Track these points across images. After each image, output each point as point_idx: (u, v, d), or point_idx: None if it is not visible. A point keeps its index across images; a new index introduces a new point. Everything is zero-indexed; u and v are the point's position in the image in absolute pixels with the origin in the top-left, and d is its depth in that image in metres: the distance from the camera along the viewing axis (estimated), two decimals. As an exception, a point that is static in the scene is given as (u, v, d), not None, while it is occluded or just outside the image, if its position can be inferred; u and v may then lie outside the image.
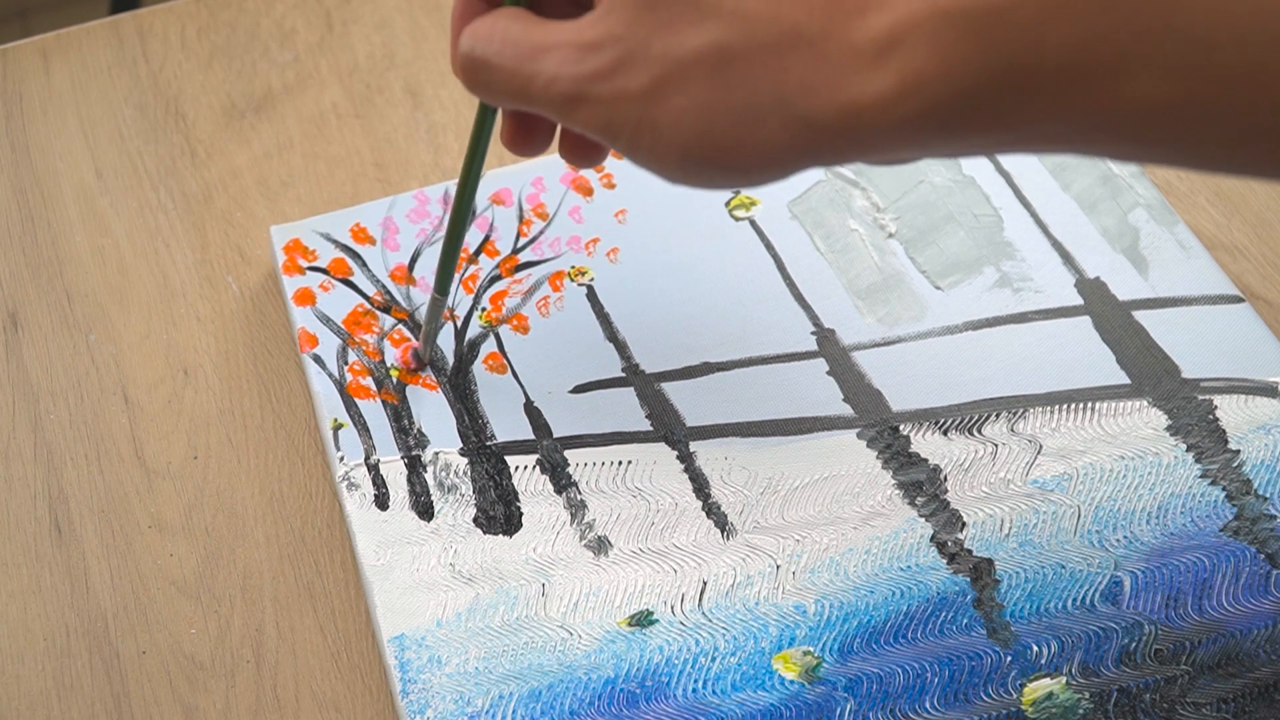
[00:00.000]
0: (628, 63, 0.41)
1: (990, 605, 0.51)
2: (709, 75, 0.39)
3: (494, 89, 0.45)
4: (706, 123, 0.40)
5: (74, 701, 0.52)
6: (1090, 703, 0.48)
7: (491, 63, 0.45)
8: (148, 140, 0.69)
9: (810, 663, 0.50)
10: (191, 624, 0.53)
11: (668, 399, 0.57)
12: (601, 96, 0.41)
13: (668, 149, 0.41)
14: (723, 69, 0.39)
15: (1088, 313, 0.58)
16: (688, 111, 0.40)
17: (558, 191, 0.63)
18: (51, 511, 0.57)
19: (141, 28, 0.73)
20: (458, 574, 0.52)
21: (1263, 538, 0.52)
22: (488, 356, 0.58)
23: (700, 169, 0.41)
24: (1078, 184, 0.62)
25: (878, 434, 0.55)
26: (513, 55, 0.44)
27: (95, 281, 0.64)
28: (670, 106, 0.40)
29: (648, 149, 0.41)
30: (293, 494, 0.57)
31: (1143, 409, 0.55)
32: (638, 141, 0.41)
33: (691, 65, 0.40)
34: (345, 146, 0.68)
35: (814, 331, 0.58)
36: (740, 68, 0.39)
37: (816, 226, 0.62)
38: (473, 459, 0.55)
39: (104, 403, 0.60)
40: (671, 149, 0.41)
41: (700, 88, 0.39)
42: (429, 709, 0.49)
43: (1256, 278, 0.61)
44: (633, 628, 0.51)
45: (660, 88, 0.40)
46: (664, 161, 0.41)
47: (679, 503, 0.54)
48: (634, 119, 0.41)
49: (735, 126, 0.39)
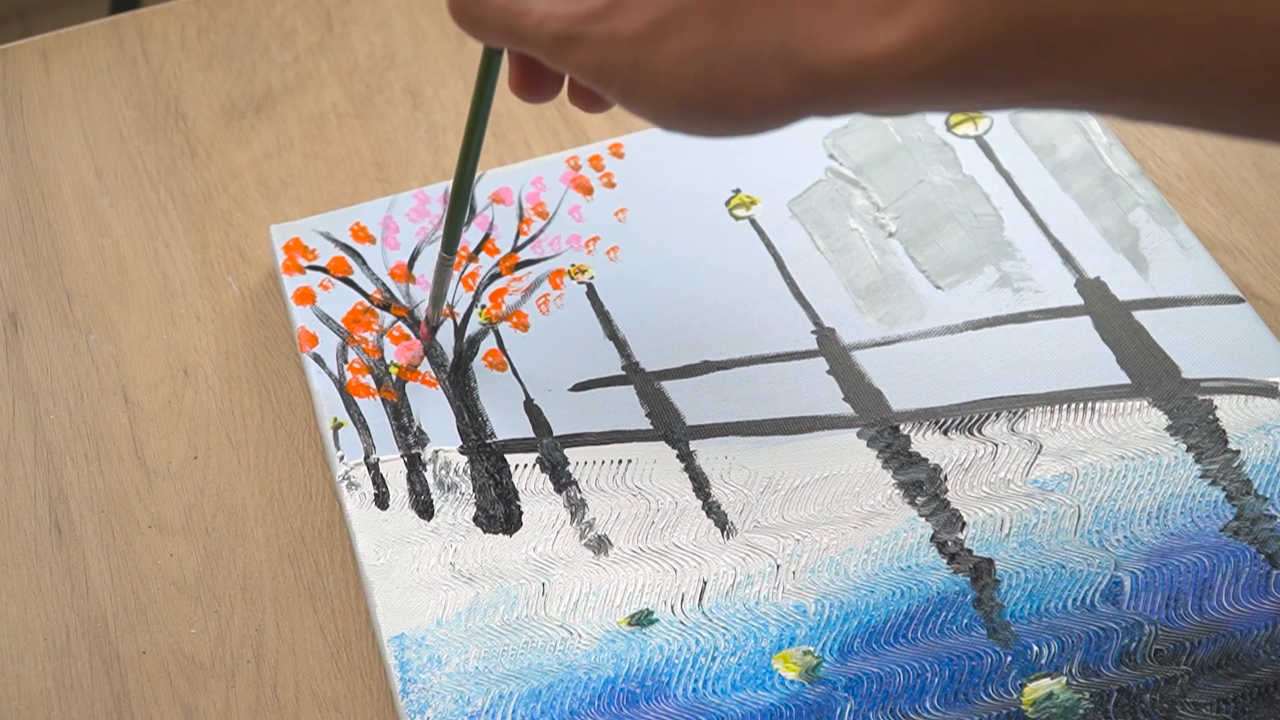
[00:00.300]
0: (623, 4, 0.39)
1: (990, 605, 0.51)
2: (709, 18, 0.38)
3: (483, 25, 0.44)
4: (705, 68, 0.38)
5: (74, 701, 0.52)
6: (1090, 703, 0.48)
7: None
8: (148, 140, 0.69)
9: (810, 662, 0.50)
10: (191, 624, 0.53)
11: (668, 397, 0.57)
12: (595, 38, 0.40)
13: (665, 95, 0.39)
14: (724, 12, 0.38)
15: (1088, 313, 0.58)
16: (686, 56, 0.38)
17: (558, 190, 0.63)
18: (51, 511, 0.57)
19: (141, 28, 0.73)
20: (458, 573, 0.52)
21: (1263, 538, 0.52)
22: (488, 354, 0.58)
23: (698, 116, 0.39)
24: (1078, 184, 0.62)
25: (878, 433, 0.55)
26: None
27: (95, 281, 0.64)
28: (667, 50, 0.39)
29: (644, 94, 0.40)
30: (293, 494, 0.57)
31: (1143, 409, 0.55)
32: (633, 87, 0.40)
33: (690, 7, 0.38)
34: (345, 146, 0.68)
35: (814, 330, 0.58)
36: (743, 12, 0.37)
37: (817, 225, 0.62)
38: (473, 457, 0.55)
39: (104, 403, 0.60)
40: (668, 95, 0.39)
41: (699, 31, 0.38)
42: (429, 709, 0.49)
43: (1256, 278, 0.61)
44: (633, 627, 0.51)
45: (657, 30, 0.39)
46: (660, 108, 0.40)
47: (679, 502, 0.54)
48: (629, 62, 0.39)
49: (735, 73, 0.38)
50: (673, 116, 0.40)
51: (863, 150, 0.64)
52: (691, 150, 0.64)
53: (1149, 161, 0.65)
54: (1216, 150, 0.65)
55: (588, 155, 0.64)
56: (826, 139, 0.64)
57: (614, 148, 0.64)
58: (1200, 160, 0.65)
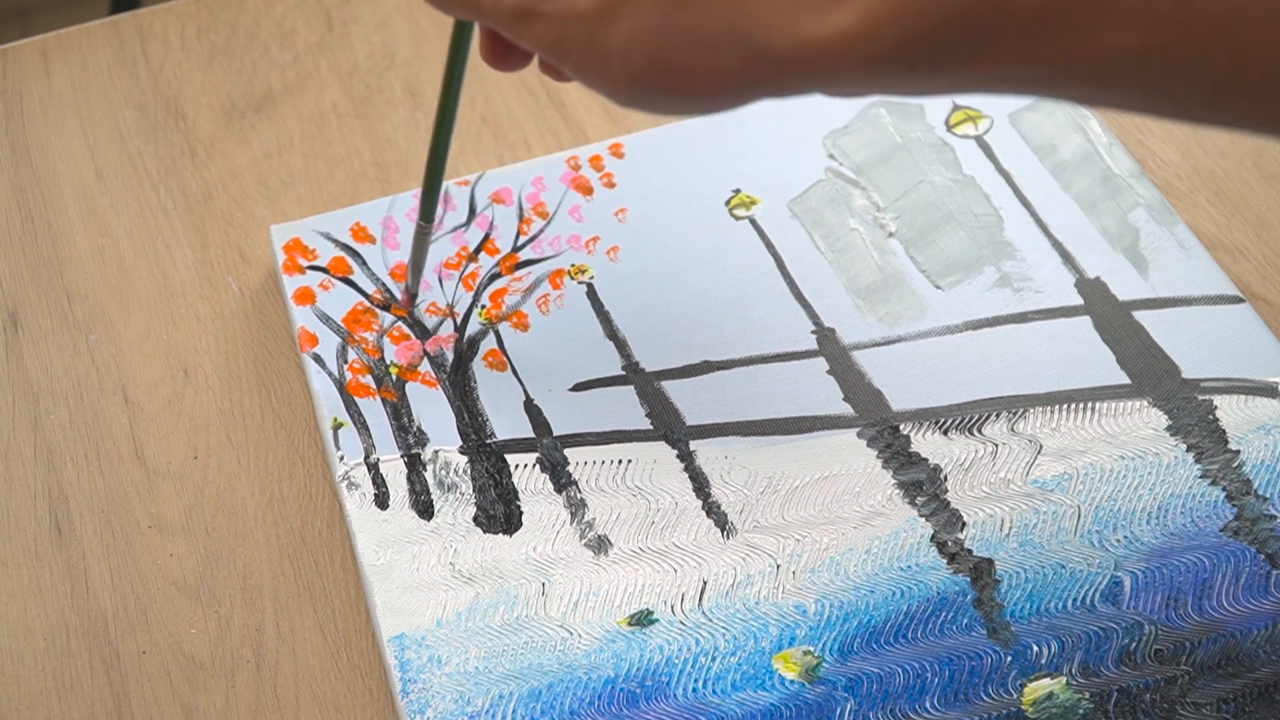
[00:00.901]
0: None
1: (990, 605, 0.51)
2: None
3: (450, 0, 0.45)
4: (658, 46, 0.39)
5: (74, 701, 0.52)
6: (1090, 703, 0.48)
7: None
8: (148, 140, 0.69)
9: (810, 662, 0.50)
10: (191, 624, 0.53)
11: (668, 397, 0.57)
12: (551, 13, 0.41)
13: (618, 72, 0.40)
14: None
15: (1088, 313, 0.58)
16: (639, 33, 0.39)
17: (558, 190, 0.63)
18: (51, 511, 0.57)
19: (141, 28, 0.73)
20: (458, 573, 0.52)
21: (1263, 538, 0.52)
22: (488, 354, 0.58)
23: (650, 93, 0.40)
24: (1078, 184, 0.62)
25: (878, 433, 0.55)
26: None
27: (95, 281, 0.64)
28: (621, 27, 0.39)
29: (597, 71, 0.40)
30: (293, 494, 0.57)
31: (1143, 409, 0.55)
32: (587, 63, 0.40)
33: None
34: (345, 146, 0.68)
35: (814, 330, 0.58)
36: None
37: (817, 225, 0.62)
38: (473, 457, 0.55)
39: (104, 403, 0.60)
40: (622, 72, 0.40)
41: (652, 10, 0.38)
42: (429, 709, 0.49)
43: (1256, 278, 0.61)
44: (633, 627, 0.51)
45: (611, 7, 0.39)
46: (614, 84, 0.40)
47: (679, 502, 0.54)
48: (584, 39, 0.40)
49: (688, 52, 0.38)
50: (626, 94, 0.40)
51: (863, 150, 0.64)
52: (691, 150, 0.64)
53: (1149, 161, 0.65)
54: (1216, 150, 0.65)
55: (588, 155, 0.64)
56: (826, 139, 0.64)
57: (614, 148, 0.64)
58: (1200, 160, 0.65)
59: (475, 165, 0.67)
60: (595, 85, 0.41)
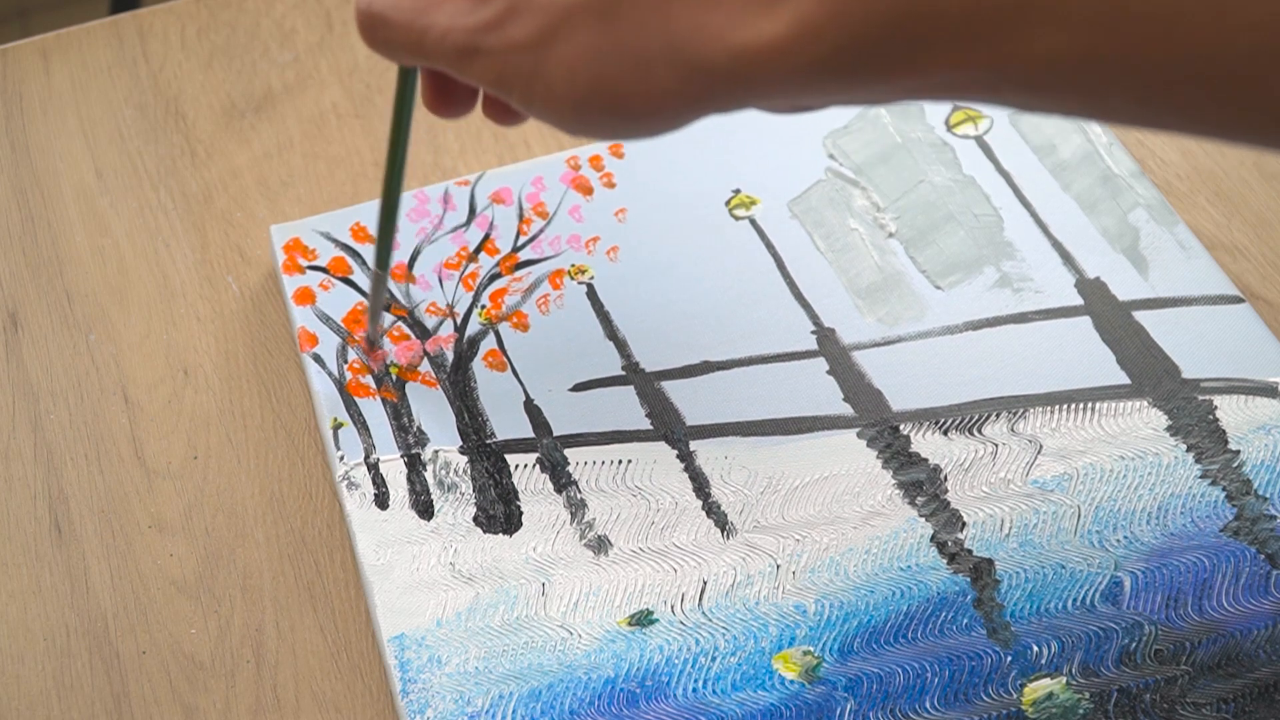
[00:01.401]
0: (515, 12, 0.40)
1: (990, 605, 0.51)
2: (596, 21, 0.38)
3: (392, 44, 0.45)
4: (596, 71, 0.39)
5: (74, 701, 0.52)
6: (1090, 703, 0.48)
7: (388, 17, 0.44)
8: (148, 140, 0.69)
9: (810, 662, 0.50)
10: (191, 624, 0.53)
11: (668, 397, 0.57)
12: (493, 48, 0.41)
13: (561, 99, 0.40)
14: (609, 15, 0.38)
15: (1088, 313, 0.58)
16: (576, 60, 0.39)
17: (558, 190, 0.63)
18: (51, 511, 0.57)
19: (141, 28, 0.73)
20: (458, 573, 0.52)
21: (1263, 538, 0.52)
22: (488, 354, 0.58)
23: (594, 119, 0.40)
24: (1078, 184, 0.62)
25: (878, 433, 0.55)
26: (409, 8, 0.43)
27: (95, 281, 0.64)
28: (559, 55, 0.39)
29: (541, 100, 0.40)
30: (293, 494, 0.57)
31: (1143, 409, 0.55)
32: (530, 93, 0.40)
33: (578, 12, 0.39)
34: (345, 146, 0.68)
35: (814, 331, 0.58)
36: (626, 13, 0.38)
37: (816, 226, 0.62)
38: (472, 457, 0.55)
39: (104, 403, 0.60)
40: (565, 99, 0.40)
41: (587, 35, 0.39)
42: (429, 709, 0.49)
43: (1256, 278, 0.61)
44: (633, 627, 0.51)
45: (548, 36, 0.39)
46: (559, 112, 0.40)
47: (679, 502, 0.54)
48: (526, 70, 0.40)
49: (625, 74, 0.38)
50: (572, 120, 0.41)
51: (863, 150, 0.64)
52: (691, 150, 0.64)
53: (1149, 161, 0.65)
54: (1216, 150, 0.65)
55: (588, 155, 0.64)
56: (826, 139, 0.64)
57: (614, 148, 0.64)
58: (1200, 160, 0.65)
59: (475, 165, 0.67)
60: (542, 115, 0.41)
